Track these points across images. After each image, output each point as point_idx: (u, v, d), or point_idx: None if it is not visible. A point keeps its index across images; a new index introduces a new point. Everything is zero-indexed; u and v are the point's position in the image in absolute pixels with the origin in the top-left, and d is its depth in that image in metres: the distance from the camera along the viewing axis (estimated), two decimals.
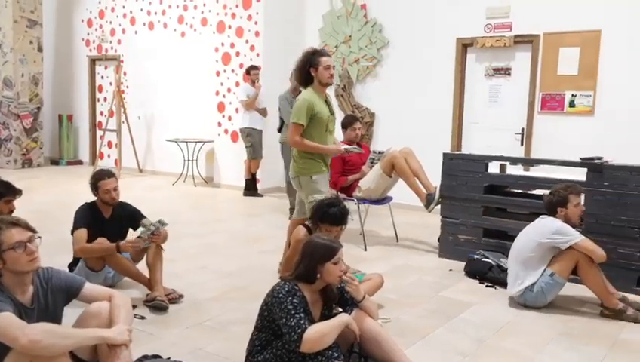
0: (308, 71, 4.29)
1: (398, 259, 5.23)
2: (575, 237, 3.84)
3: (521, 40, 6.82)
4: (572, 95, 6.57)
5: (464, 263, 4.82)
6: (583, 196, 4.15)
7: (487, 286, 4.50)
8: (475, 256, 4.73)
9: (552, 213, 3.98)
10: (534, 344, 3.41)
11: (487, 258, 4.68)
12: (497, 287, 4.43)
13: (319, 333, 2.51)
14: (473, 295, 4.27)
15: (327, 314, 2.79)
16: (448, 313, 3.86)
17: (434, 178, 5.41)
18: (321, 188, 4.32)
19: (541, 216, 4.06)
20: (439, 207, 5.32)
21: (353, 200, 5.78)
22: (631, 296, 4.11)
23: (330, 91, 4.97)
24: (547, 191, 4.15)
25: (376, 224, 6.47)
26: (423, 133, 7.29)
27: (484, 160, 5.11)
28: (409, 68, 7.68)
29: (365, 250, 5.51)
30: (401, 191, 5.82)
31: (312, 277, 2.70)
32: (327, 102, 4.39)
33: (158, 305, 3.70)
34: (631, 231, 4.36)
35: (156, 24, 10.16)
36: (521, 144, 6.95)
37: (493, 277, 4.53)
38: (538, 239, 3.92)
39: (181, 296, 3.95)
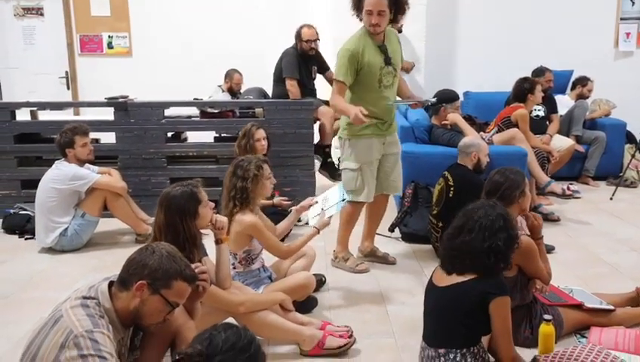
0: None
1: None
2: (91, 178, 3.97)
3: None
4: (109, 36, 6.65)
5: None
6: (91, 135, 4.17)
7: (27, 238, 4.32)
8: (12, 211, 4.49)
9: (63, 154, 3.98)
10: (64, 286, 3.42)
11: (26, 210, 4.47)
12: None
13: None
14: (7, 252, 4.03)
15: None
16: None
17: None
18: (359, 157, 3.43)
19: (56, 163, 4.02)
20: None
21: None
22: None
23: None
24: None
25: None
26: None
27: (9, 107, 4.78)
28: None
29: None
30: None
31: None
32: (382, 48, 3.36)
33: None
34: (159, 161, 4.79)
35: None
36: (68, 88, 6.75)
37: (34, 228, 4.36)
38: (57, 186, 3.91)
39: None
